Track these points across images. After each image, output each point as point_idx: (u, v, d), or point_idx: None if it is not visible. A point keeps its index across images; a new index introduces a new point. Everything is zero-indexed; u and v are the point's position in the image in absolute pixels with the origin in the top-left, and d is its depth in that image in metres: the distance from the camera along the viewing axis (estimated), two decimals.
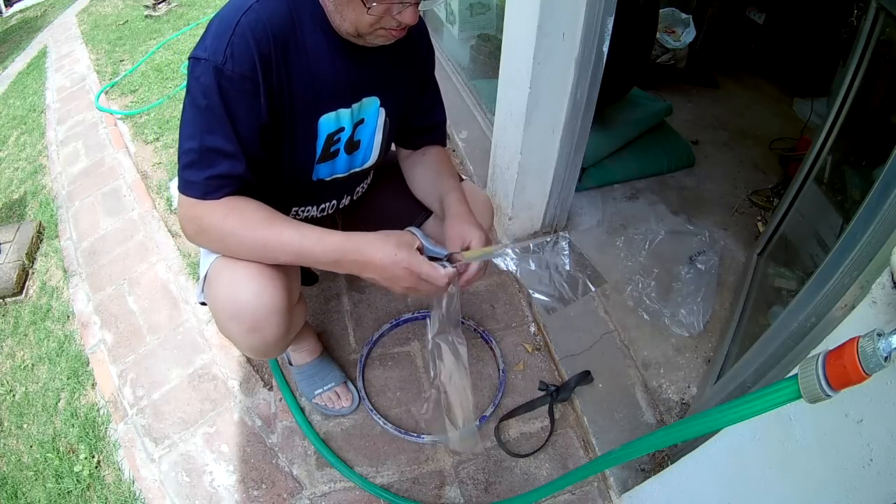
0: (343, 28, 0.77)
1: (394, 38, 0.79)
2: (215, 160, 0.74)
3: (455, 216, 0.91)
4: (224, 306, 0.83)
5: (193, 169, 0.75)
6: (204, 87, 0.72)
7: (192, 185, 0.75)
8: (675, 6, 2.30)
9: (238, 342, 0.90)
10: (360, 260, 0.78)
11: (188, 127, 0.75)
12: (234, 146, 0.75)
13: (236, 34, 0.71)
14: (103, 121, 2.57)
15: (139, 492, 1.18)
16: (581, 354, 1.35)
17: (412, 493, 1.15)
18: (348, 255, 0.77)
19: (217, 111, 0.73)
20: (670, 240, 1.64)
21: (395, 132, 1.03)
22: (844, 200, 1.20)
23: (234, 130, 0.74)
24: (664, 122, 2.04)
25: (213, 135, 0.73)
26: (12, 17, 5.55)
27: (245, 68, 0.72)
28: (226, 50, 0.71)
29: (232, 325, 0.85)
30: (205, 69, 0.71)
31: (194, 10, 3.85)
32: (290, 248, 0.77)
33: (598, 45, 1.23)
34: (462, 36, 2.52)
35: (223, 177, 0.75)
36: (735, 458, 0.79)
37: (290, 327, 0.91)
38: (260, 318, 0.83)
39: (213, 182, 0.75)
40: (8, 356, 1.60)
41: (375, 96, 0.91)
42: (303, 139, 0.86)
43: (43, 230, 2.01)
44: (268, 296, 0.82)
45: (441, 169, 1.04)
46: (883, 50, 1.13)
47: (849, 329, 0.61)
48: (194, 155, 0.74)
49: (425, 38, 0.98)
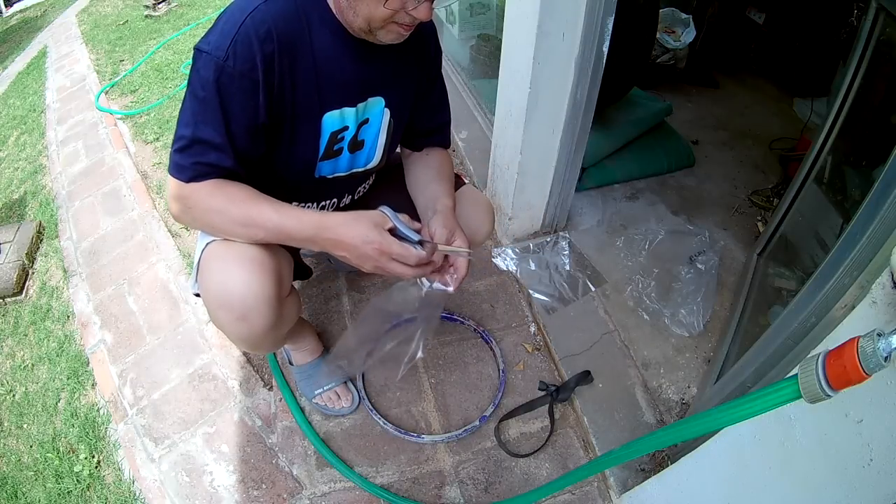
0: (355, 24, 0.78)
1: (404, 35, 0.79)
2: (205, 151, 0.77)
3: (441, 213, 0.93)
4: (214, 294, 0.84)
5: (184, 154, 0.78)
6: (203, 80, 0.74)
7: (181, 169, 0.78)
8: (675, 6, 2.30)
9: (228, 332, 0.91)
10: (332, 238, 0.81)
11: (185, 114, 0.78)
12: (223, 140, 0.77)
13: (240, 33, 0.72)
14: (103, 121, 2.57)
15: (139, 492, 1.18)
16: (581, 354, 1.35)
17: (412, 493, 1.15)
18: (322, 234, 0.81)
19: (212, 105, 0.75)
20: (670, 240, 1.64)
21: (400, 134, 1.03)
22: (844, 200, 1.20)
23: (226, 125, 0.77)
24: (664, 122, 2.03)
25: (206, 126, 0.76)
26: (12, 17, 5.55)
27: (245, 67, 0.74)
28: (229, 47, 0.72)
29: (221, 314, 0.85)
30: (206, 63, 0.73)
31: (194, 10, 3.85)
32: (271, 223, 0.80)
33: (598, 45, 1.23)
34: (462, 36, 2.52)
35: (211, 165, 0.78)
36: (735, 458, 0.79)
37: (280, 319, 0.91)
38: (249, 306, 0.84)
39: (201, 168, 0.78)
40: (8, 356, 1.60)
41: (381, 97, 0.91)
42: (306, 136, 0.86)
43: (43, 230, 2.01)
44: (257, 284, 0.83)
45: (440, 173, 1.03)
46: (883, 50, 1.13)
47: (849, 329, 0.61)
48: (186, 142, 0.77)
49: (434, 39, 0.98)
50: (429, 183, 1.02)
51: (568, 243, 1.64)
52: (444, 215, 0.91)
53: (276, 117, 0.81)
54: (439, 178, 1.02)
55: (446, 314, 1.45)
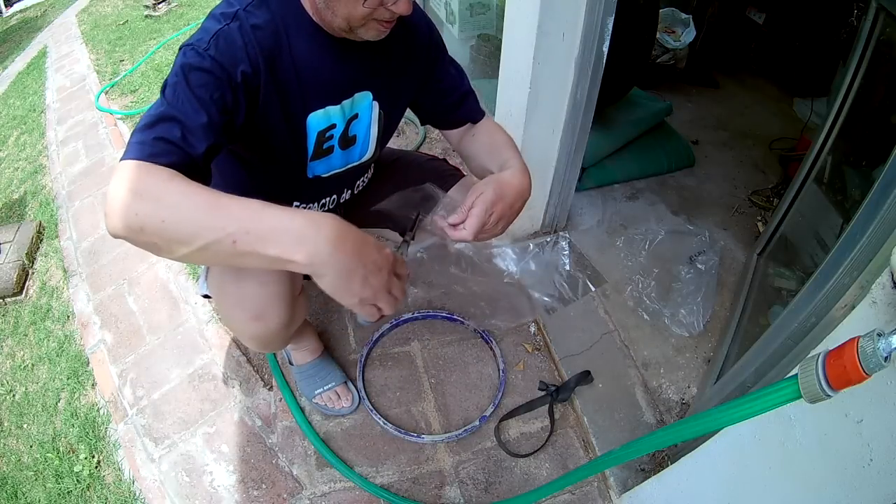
0: (335, 23, 0.77)
1: (384, 31, 0.79)
2: (171, 128, 0.66)
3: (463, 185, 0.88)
4: (229, 293, 0.84)
5: (145, 131, 0.66)
6: (181, 65, 0.69)
7: (139, 146, 0.65)
8: (675, 6, 2.30)
9: (241, 331, 0.90)
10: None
11: (153, 105, 0.70)
12: (196, 123, 0.68)
13: (223, 32, 0.71)
14: (103, 121, 2.57)
15: (139, 492, 1.18)
16: (581, 354, 1.35)
17: (412, 493, 1.15)
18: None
19: (185, 89, 0.68)
20: (670, 240, 1.64)
21: (395, 125, 1.02)
22: (844, 200, 1.20)
23: (202, 109, 0.68)
24: (664, 122, 2.03)
25: (179, 106, 0.68)
26: (12, 17, 5.56)
27: (225, 60, 0.71)
28: (211, 40, 0.71)
29: (236, 313, 0.85)
30: (186, 52, 0.71)
31: (194, 10, 3.85)
32: (241, 215, 0.63)
33: (598, 45, 1.23)
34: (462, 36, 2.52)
35: (175, 145, 0.66)
36: (735, 458, 0.79)
37: (293, 317, 0.92)
38: (265, 305, 0.84)
39: (161, 144, 0.65)
40: (8, 356, 1.60)
41: (368, 91, 0.90)
42: (293, 139, 0.86)
43: (43, 230, 2.01)
44: (273, 282, 0.83)
45: (493, 143, 0.99)
46: (883, 50, 1.13)
47: (849, 329, 0.61)
48: (150, 119, 0.67)
49: (423, 26, 0.95)
50: (488, 157, 0.98)
51: (568, 243, 1.64)
52: (465, 186, 0.87)
53: (261, 122, 0.80)
54: (498, 148, 0.97)
55: (446, 314, 1.45)
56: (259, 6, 0.75)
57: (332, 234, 0.62)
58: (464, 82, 1.03)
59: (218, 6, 0.75)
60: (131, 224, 0.62)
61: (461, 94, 1.02)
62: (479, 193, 0.82)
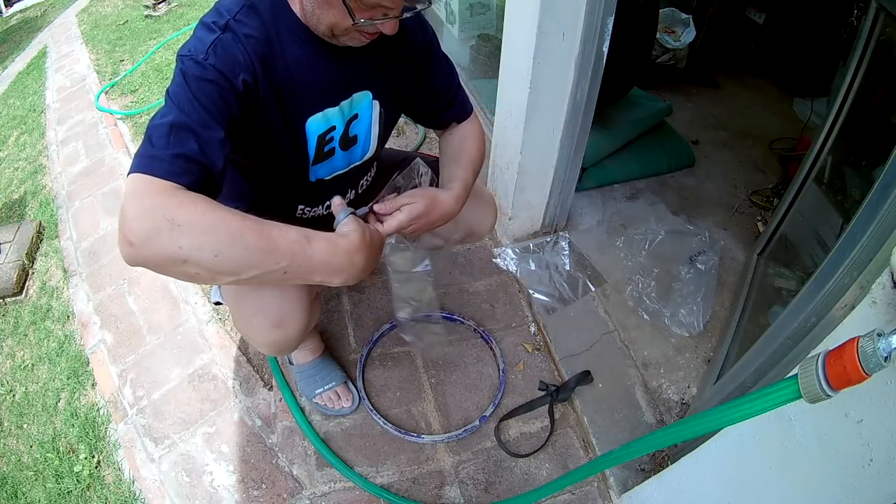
0: (319, 29, 0.77)
1: (366, 41, 0.80)
2: (185, 139, 0.64)
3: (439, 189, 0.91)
4: (248, 303, 0.85)
5: (159, 143, 0.63)
6: (183, 75, 0.69)
7: (154, 162, 0.61)
8: (675, 6, 2.30)
9: (260, 338, 0.91)
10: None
11: (157, 114, 0.68)
12: (207, 131, 0.67)
13: (220, 40, 0.71)
14: (103, 121, 2.57)
15: (139, 492, 1.18)
16: (581, 354, 1.35)
17: (412, 493, 1.15)
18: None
19: (191, 98, 0.67)
20: (670, 240, 1.64)
21: (395, 121, 1.03)
22: (844, 200, 1.20)
23: (210, 118, 0.68)
24: (664, 122, 2.03)
25: (188, 112, 0.67)
26: (12, 17, 5.56)
27: (225, 67, 0.71)
28: (209, 49, 0.70)
29: (257, 321, 0.86)
30: (185, 63, 0.70)
31: (194, 10, 3.85)
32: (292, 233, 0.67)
33: (598, 45, 1.23)
34: (462, 36, 2.52)
35: (193, 160, 0.64)
36: (735, 458, 0.79)
37: (310, 322, 0.93)
38: (285, 312, 0.85)
39: (180, 162, 0.63)
40: (8, 356, 1.60)
41: (367, 90, 0.90)
42: (293, 145, 0.86)
43: (43, 230, 2.01)
44: (292, 290, 0.84)
45: (458, 151, 1.02)
46: (883, 50, 1.13)
47: (849, 329, 0.61)
48: (163, 128, 0.64)
49: (417, 30, 0.95)
50: (445, 165, 1.02)
51: (568, 243, 1.64)
52: (435, 190, 0.91)
53: (261, 131, 0.80)
54: (454, 160, 1.01)
55: (446, 314, 1.45)
56: (248, 14, 0.75)
57: (361, 262, 0.72)
58: (454, 80, 1.04)
59: (207, 15, 0.75)
60: (172, 256, 0.59)
61: (451, 96, 1.04)
62: (411, 201, 0.85)
